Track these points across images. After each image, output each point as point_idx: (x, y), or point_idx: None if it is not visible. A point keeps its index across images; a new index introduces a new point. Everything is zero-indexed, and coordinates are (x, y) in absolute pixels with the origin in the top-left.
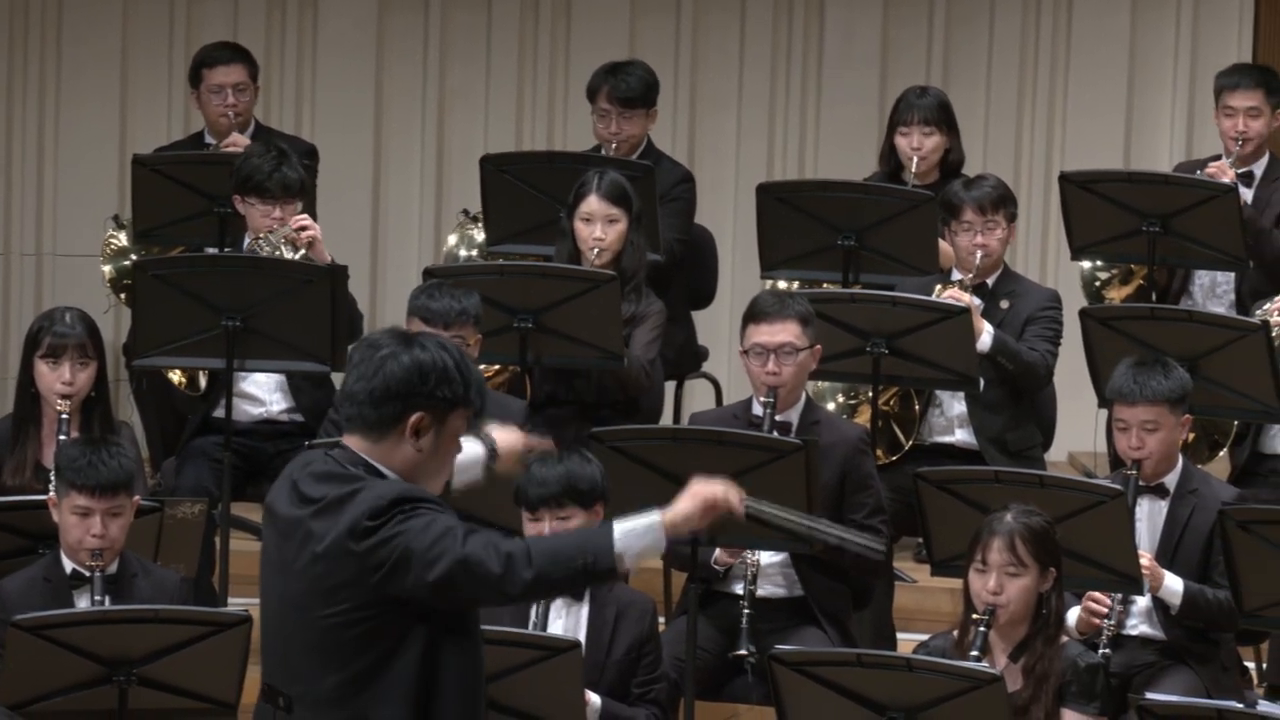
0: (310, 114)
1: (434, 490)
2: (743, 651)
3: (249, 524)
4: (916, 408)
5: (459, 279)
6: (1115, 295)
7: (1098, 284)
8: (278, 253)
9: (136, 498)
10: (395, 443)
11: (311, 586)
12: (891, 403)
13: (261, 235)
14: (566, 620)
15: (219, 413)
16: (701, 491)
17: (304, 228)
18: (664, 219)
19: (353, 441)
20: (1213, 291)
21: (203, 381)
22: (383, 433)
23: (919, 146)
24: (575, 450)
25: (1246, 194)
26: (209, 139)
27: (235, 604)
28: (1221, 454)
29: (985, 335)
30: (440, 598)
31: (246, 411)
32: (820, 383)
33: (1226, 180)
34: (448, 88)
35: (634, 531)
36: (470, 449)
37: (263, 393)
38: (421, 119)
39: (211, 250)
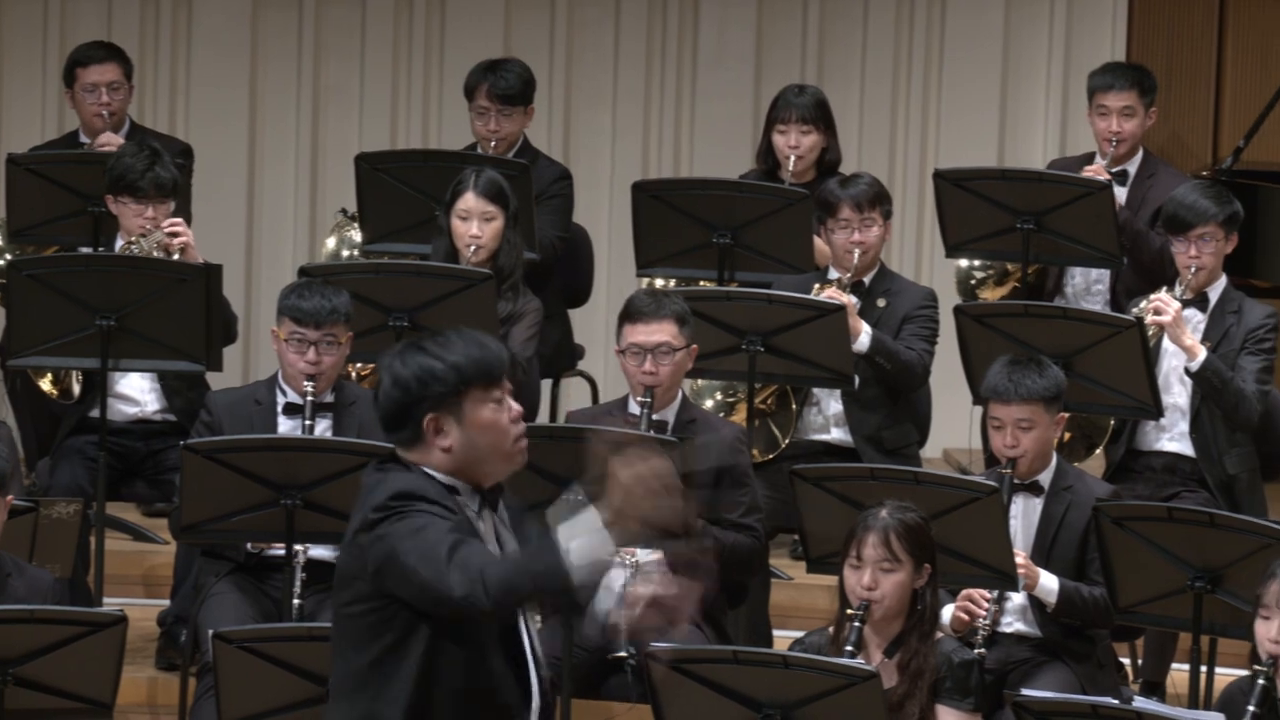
0: (185, 111)
1: (501, 474)
2: (622, 653)
3: (124, 524)
4: (793, 406)
5: (334, 278)
6: (990, 295)
7: (973, 283)
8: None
9: (10, 497)
10: (427, 449)
11: (339, 574)
12: (769, 401)
13: (134, 239)
14: None
15: (94, 412)
16: (621, 485)
17: (175, 233)
18: (542, 216)
19: (396, 447)
20: (1087, 290)
21: (76, 389)
22: (412, 446)
23: (796, 145)
24: None
25: (1121, 193)
26: (83, 138)
27: (110, 604)
28: (1097, 451)
29: (863, 334)
30: (421, 606)
31: (121, 411)
32: (698, 380)
33: (1101, 177)
34: (322, 85)
35: (582, 547)
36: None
37: (137, 392)
38: (296, 116)
39: (86, 250)
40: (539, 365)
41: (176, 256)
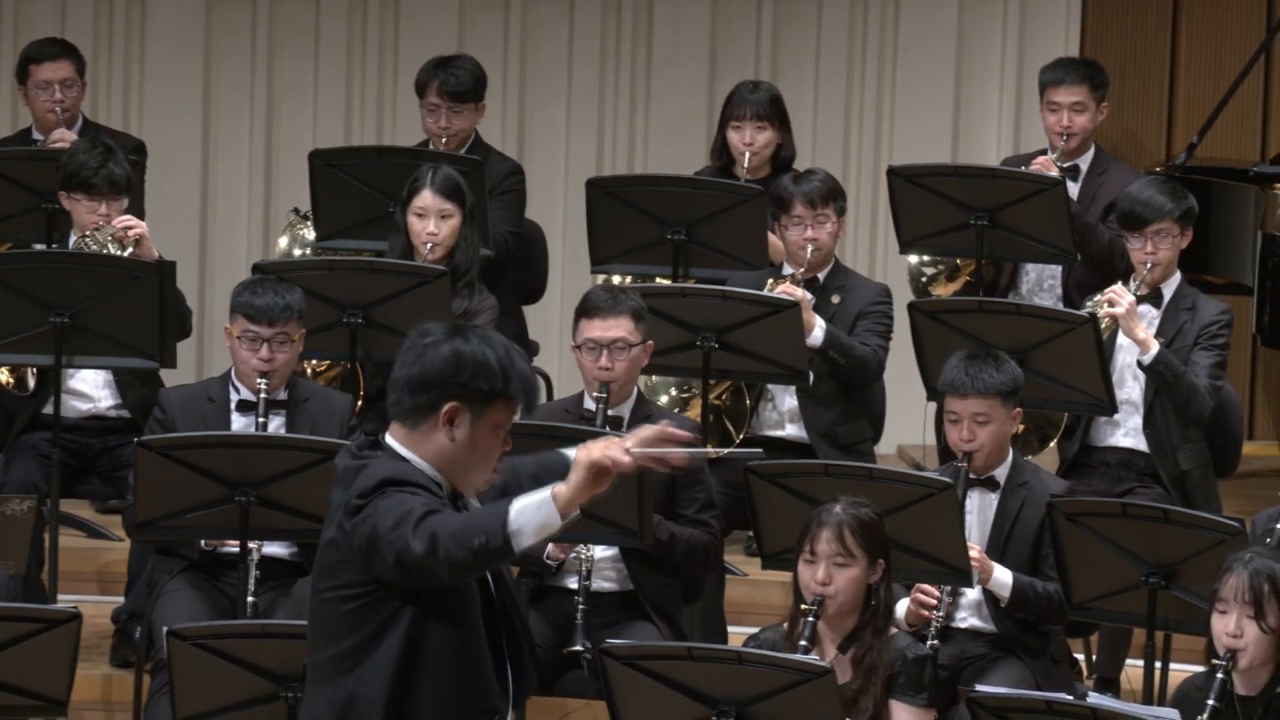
0: (138, 108)
1: (476, 485)
2: (578, 648)
3: (78, 520)
4: (748, 402)
5: (288, 274)
6: (942, 291)
7: (924, 279)
8: (105, 250)
9: None
10: (429, 432)
11: (320, 559)
12: (723, 397)
13: (88, 234)
14: None
15: (48, 409)
16: (585, 460)
17: (130, 226)
18: (495, 211)
19: (392, 430)
20: (1040, 286)
21: (31, 381)
22: (418, 421)
23: (751, 141)
24: None
25: (1073, 188)
26: (36, 135)
27: (65, 600)
28: (1050, 446)
29: (817, 330)
30: (404, 580)
31: (75, 408)
32: (653, 377)
33: (1053, 174)
34: (276, 82)
35: (527, 509)
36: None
37: (91, 389)
38: (250, 113)
39: (39, 247)
40: None
41: (131, 249)
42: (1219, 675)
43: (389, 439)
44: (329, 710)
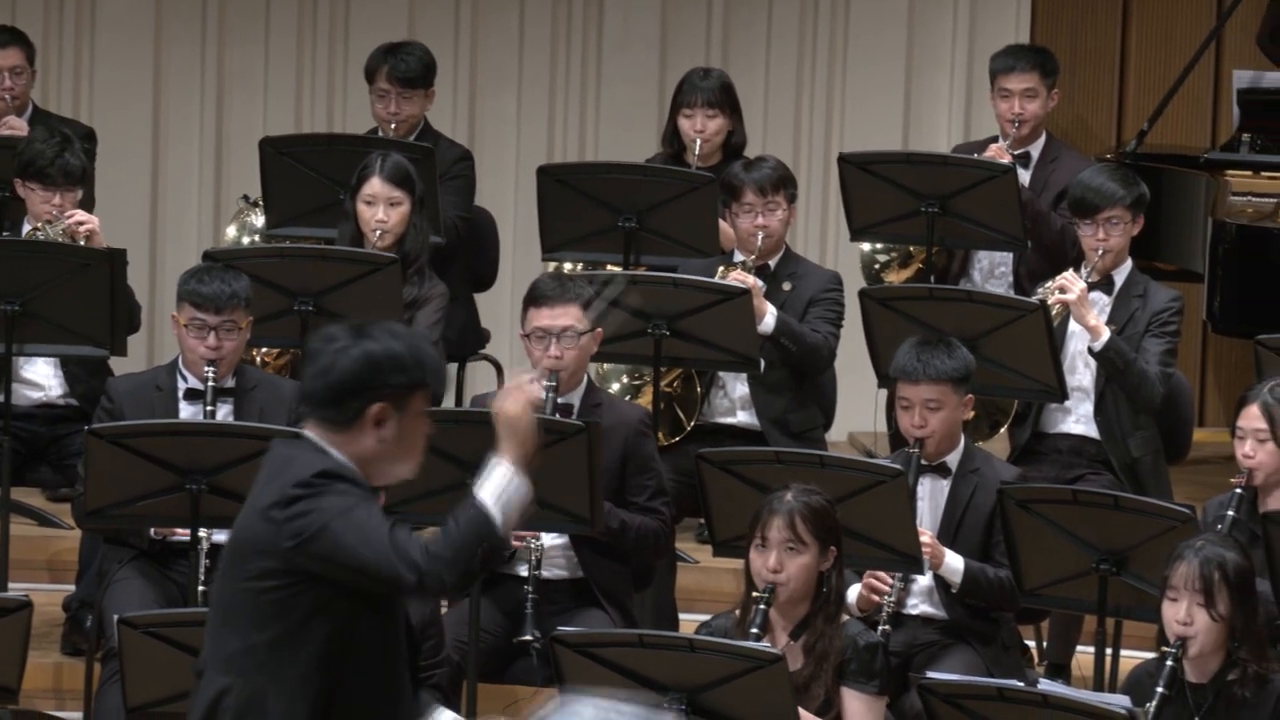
0: (88, 95)
1: (406, 475)
2: (528, 637)
3: (28, 509)
4: (699, 389)
5: (238, 262)
6: (894, 278)
7: (876, 267)
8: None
9: None
10: (358, 435)
11: (236, 547)
12: (675, 385)
13: (39, 227)
14: None
15: None
16: (506, 419)
17: (81, 222)
18: (444, 197)
19: (314, 430)
20: (991, 274)
21: None
22: (345, 426)
23: (702, 129)
24: None
25: (1024, 175)
26: None
27: (15, 589)
28: (1001, 433)
29: (768, 317)
30: (353, 583)
31: (25, 396)
32: (604, 365)
33: (1004, 161)
34: (226, 69)
35: (500, 495)
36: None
37: (41, 378)
38: (200, 100)
39: None
40: (444, 349)
41: (83, 243)
42: (1169, 663)
43: (310, 435)
44: (238, 704)
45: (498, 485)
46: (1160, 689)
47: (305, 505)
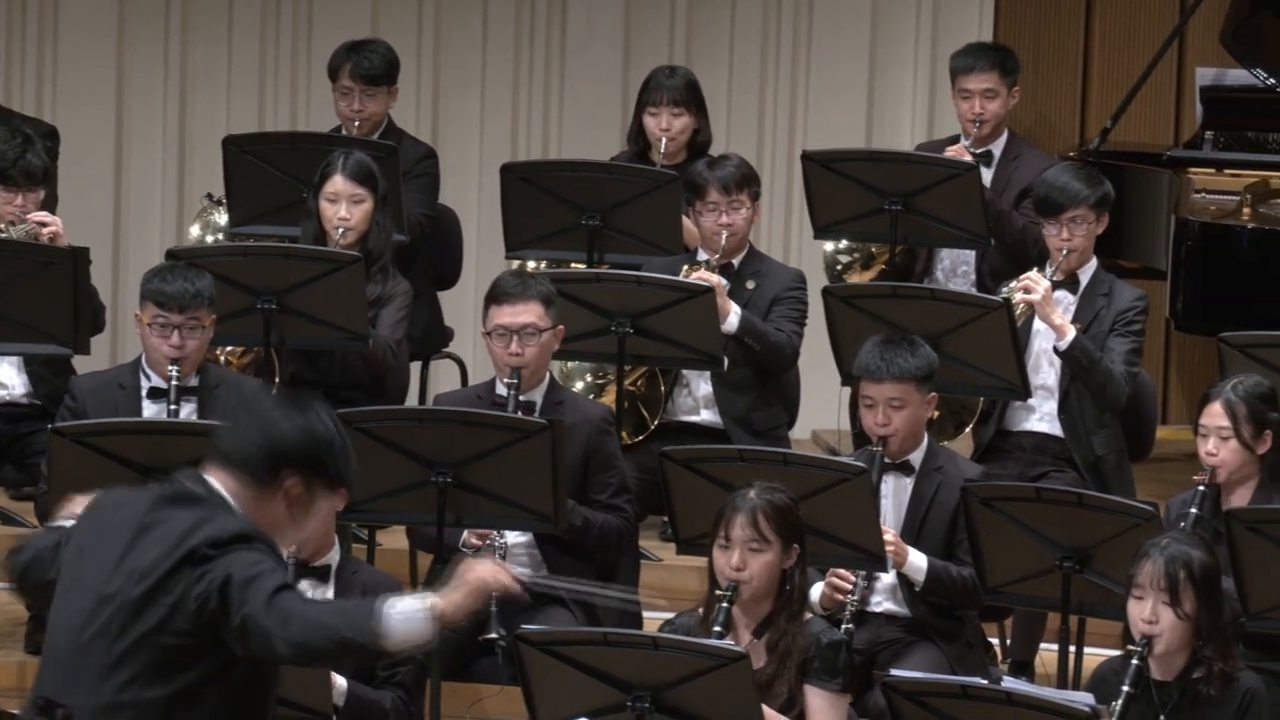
0: (51, 93)
1: (285, 546)
2: (493, 635)
3: None
4: (663, 388)
5: (201, 260)
6: (857, 279)
7: (839, 268)
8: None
9: None
10: (266, 499)
11: (133, 598)
12: (639, 383)
13: (2, 227)
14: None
15: None
16: (470, 577)
17: (44, 224)
18: (408, 195)
19: (220, 477)
20: (954, 273)
21: None
22: (259, 487)
23: (668, 127)
24: None
25: (986, 174)
26: None
27: None
28: (966, 432)
29: (732, 316)
30: (238, 644)
31: None
32: (568, 363)
33: (967, 160)
34: (190, 67)
35: (404, 616)
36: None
37: (4, 377)
38: (164, 99)
39: None
40: (408, 347)
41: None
42: (1134, 661)
43: (217, 485)
44: None
45: (409, 608)
46: (1126, 687)
47: (216, 565)
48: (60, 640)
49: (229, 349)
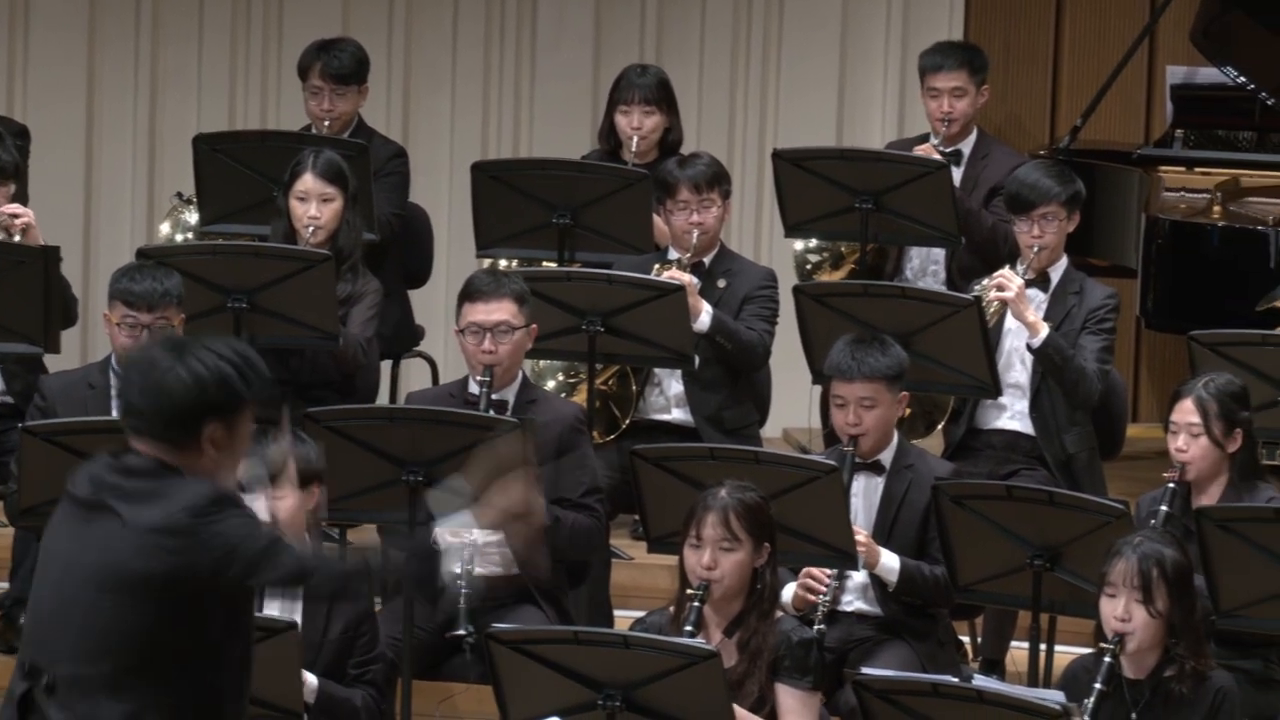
0: (22, 92)
1: (228, 483)
2: (461, 632)
3: None
4: (634, 386)
5: (170, 259)
6: (827, 279)
7: (809, 267)
8: None
9: None
10: (193, 454)
11: (108, 571)
12: (610, 382)
13: None
14: (282, 600)
15: None
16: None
17: (16, 214)
18: (378, 194)
19: (147, 447)
20: (924, 272)
21: None
22: (180, 446)
23: (639, 126)
24: (291, 430)
25: (956, 173)
26: None
27: None
28: (937, 430)
29: (704, 315)
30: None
31: None
32: (540, 361)
33: (937, 159)
34: (160, 66)
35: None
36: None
37: None
38: (134, 98)
39: None
40: (379, 346)
41: (18, 239)
42: (1107, 659)
43: (155, 454)
44: None
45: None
46: (1098, 685)
47: (206, 530)
48: (41, 608)
49: None
